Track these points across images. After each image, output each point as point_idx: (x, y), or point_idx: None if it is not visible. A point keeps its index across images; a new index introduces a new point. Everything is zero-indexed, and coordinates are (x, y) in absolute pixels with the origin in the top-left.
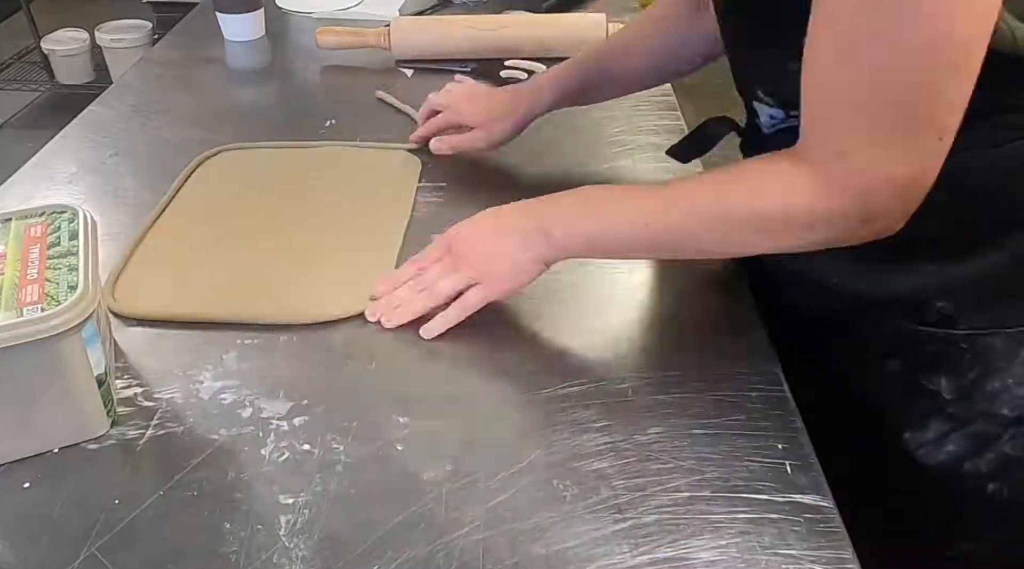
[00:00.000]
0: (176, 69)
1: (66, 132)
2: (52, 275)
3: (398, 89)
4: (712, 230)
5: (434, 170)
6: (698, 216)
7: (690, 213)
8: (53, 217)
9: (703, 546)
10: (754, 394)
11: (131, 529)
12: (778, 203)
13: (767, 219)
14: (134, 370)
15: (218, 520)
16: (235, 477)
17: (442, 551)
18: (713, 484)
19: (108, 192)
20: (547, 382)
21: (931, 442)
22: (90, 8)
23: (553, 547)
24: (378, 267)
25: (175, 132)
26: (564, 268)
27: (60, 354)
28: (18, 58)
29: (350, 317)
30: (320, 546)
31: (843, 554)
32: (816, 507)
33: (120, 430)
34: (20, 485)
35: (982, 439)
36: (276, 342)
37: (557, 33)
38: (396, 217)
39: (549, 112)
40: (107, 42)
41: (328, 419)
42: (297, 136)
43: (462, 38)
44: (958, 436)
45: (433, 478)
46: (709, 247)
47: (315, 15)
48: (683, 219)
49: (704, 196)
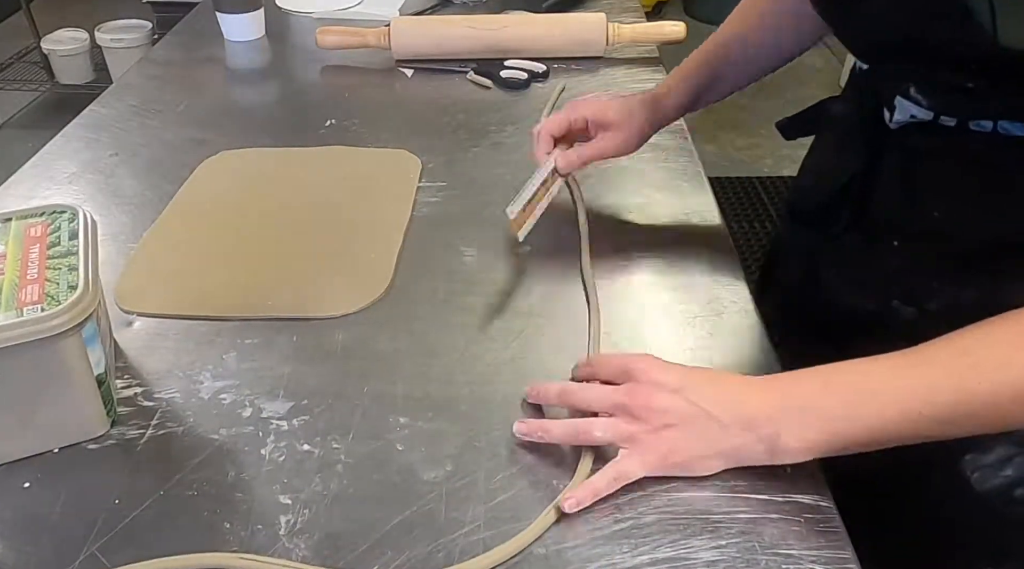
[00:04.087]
0: (176, 69)
1: (66, 132)
2: (52, 275)
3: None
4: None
5: (434, 170)
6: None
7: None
8: (53, 217)
9: (703, 546)
10: None
11: (131, 529)
12: None
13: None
14: (134, 370)
15: (218, 520)
16: (235, 477)
17: (442, 551)
18: (713, 484)
19: (108, 192)
20: (547, 382)
21: (990, 466)
22: (90, 8)
23: (553, 547)
24: (378, 267)
25: (175, 132)
26: (563, 268)
27: (60, 354)
28: (18, 58)
29: (350, 317)
30: (320, 546)
31: (843, 554)
32: (816, 507)
33: (120, 430)
34: (20, 485)
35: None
36: (276, 342)
37: (557, 33)
38: (396, 217)
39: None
40: (107, 42)
41: (328, 419)
42: (297, 136)
43: (462, 38)
44: (1020, 461)
45: (433, 478)
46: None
47: (315, 15)
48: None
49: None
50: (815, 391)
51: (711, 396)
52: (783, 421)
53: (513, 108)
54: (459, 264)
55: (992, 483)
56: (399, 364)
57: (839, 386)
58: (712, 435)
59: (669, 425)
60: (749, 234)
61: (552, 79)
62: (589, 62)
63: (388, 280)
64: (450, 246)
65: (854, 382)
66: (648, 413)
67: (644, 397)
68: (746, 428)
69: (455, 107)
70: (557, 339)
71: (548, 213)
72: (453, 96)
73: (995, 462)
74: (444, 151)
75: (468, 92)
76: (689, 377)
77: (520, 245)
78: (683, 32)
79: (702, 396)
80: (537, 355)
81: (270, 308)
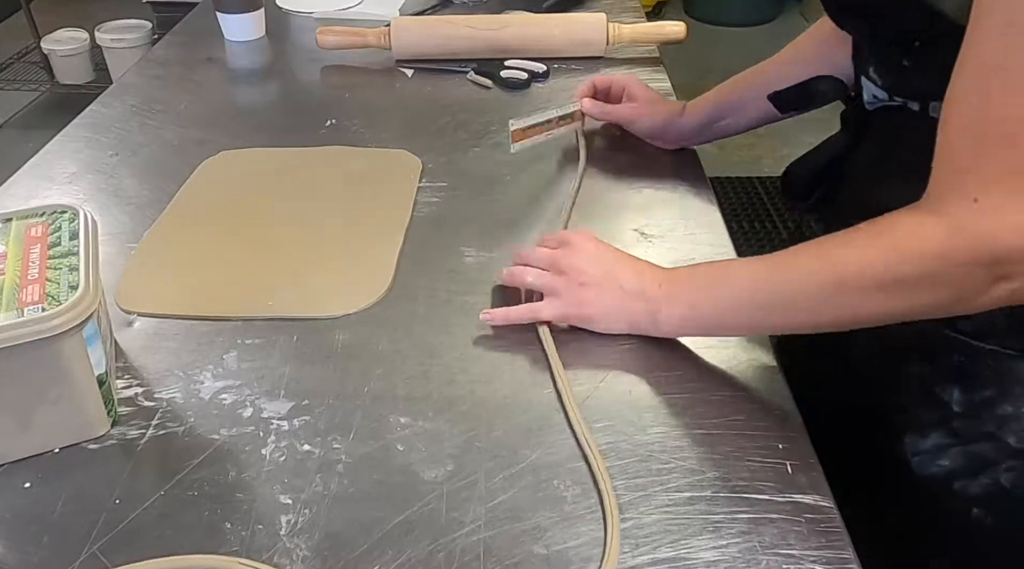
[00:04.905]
0: (176, 69)
1: (66, 132)
2: (53, 275)
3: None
4: (825, 292)
5: (434, 170)
6: (810, 276)
7: (802, 274)
8: (54, 217)
9: (703, 546)
10: (754, 394)
11: (131, 529)
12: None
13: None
14: (134, 370)
15: (218, 520)
16: (235, 477)
17: (442, 551)
18: (714, 484)
19: (108, 192)
20: (547, 382)
21: (928, 452)
22: (90, 8)
23: (553, 547)
24: (378, 267)
25: (175, 132)
26: None
27: (61, 354)
28: (18, 58)
29: (350, 317)
30: (320, 546)
31: (843, 554)
32: (817, 507)
33: (120, 430)
34: (20, 485)
35: (979, 461)
36: (276, 342)
37: (557, 33)
38: (396, 217)
39: (702, 126)
40: (107, 42)
41: (328, 419)
42: (297, 136)
43: (462, 38)
44: (956, 452)
45: (433, 478)
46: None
47: (315, 15)
48: (793, 282)
49: (814, 255)
50: (684, 277)
51: (621, 269)
52: (663, 299)
53: (513, 108)
54: (459, 264)
55: (930, 471)
56: (399, 364)
57: (702, 274)
58: (616, 299)
59: (584, 284)
60: (749, 234)
61: (552, 79)
62: (589, 62)
63: (388, 280)
64: (450, 246)
65: (713, 270)
66: (571, 271)
67: (569, 259)
68: (640, 299)
69: (455, 107)
70: (557, 339)
71: (548, 213)
72: (453, 96)
73: (931, 449)
74: (444, 151)
75: (468, 92)
76: (608, 252)
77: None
78: (683, 32)
79: (614, 267)
80: (537, 354)
81: (270, 308)
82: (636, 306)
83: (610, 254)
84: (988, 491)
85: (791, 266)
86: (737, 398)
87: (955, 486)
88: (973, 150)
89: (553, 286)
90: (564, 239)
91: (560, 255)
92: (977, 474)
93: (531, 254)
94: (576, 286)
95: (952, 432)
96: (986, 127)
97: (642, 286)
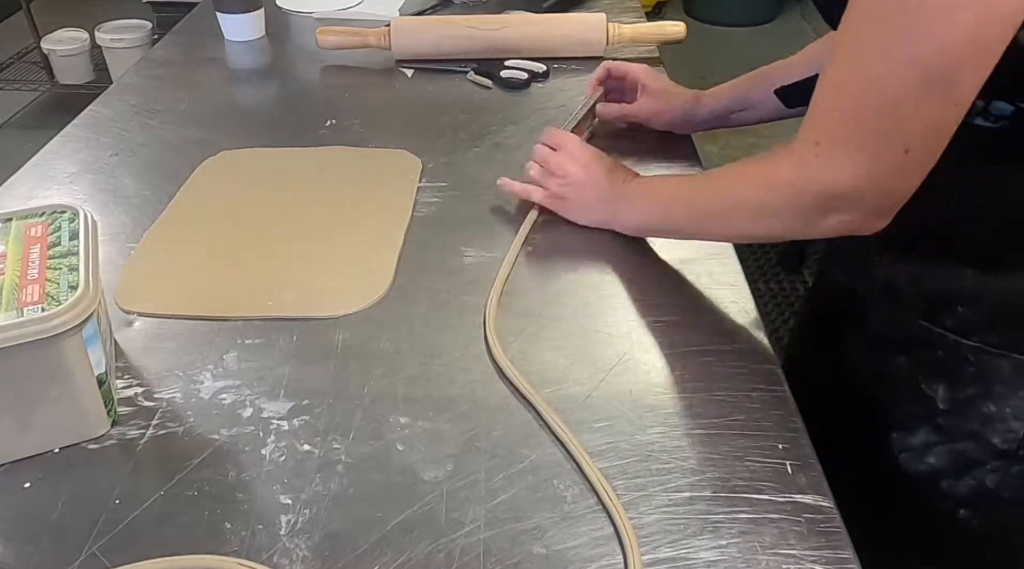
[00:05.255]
0: (176, 69)
1: (66, 132)
2: (53, 275)
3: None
4: (719, 216)
5: (434, 170)
6: (711, 200)
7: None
8: (54, 217)
9: (703, 546)
10: (754, 394)
11: (131, 529)
12: (771, 184)
13: (754, 203)
14: (134, 370)
15: (218, 520)
16: (235, 477)
17: (442, 551)
18: (714, 484)
19: (108, 192)
20: (547, 382)
21: (915, 449)
22: (90, 8)
23: (553, 547)
24: (378, 267)
25: (175, 132)
26: (563, 268)
27: (61, 354)
28: (18, 58)
29: (350, 317)
30: (320, 546)
31: (843, 554)
32: (817, 507)
33: (120, 430)
34: (20, 485)
35: (965, 461)
36: (276, 342)
37: (557, 33)
38: (396, 217)
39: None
40: (107, 42)
41: (328, 419)
42: (297, 136)
43: (462, 38)
44: (942, 450)
45: (433, 478)
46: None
47: (315, 15)
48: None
49: (717, 184)
50: (642, 186)
51: (598, 175)
52: (621, 202)
53: (513, 108)
54: (459, 264)
55: (917, 468)
56: (399, 364)
57: (655, 185)
58: (592, 197)
59: (568, 182)
60: None
61: (552, 79)
62: (589, 62)
63: (388, 280)
64: (450, 246)
65: (661, 184)
66: (559, 169)
67: (557, 158)
68: (609, 201)
69: (455, 107)
70: (557, 339)
71: (548, 214)
72: (453, 96)
73: (919, 446)
74: (444, 151)
75: (468, 92)
76: (590, 157)
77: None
78: (683, 32)
79: (594, 172)
80: (537, 354)
81: (270, 308)
82: (603, 205)
83: (590, 159)
84: (974, 492)
85: (705, 189)
86: (737, 398)
87: (942, 486)
88: (822, 103)
89: (542, 181)
90: (559, 142)
91: (549, 154)
92: (963, 474)
93: (537, 150)
94: (563, 183)
95: (938, 429)
96: (830, 87)
97: (612, 189)
